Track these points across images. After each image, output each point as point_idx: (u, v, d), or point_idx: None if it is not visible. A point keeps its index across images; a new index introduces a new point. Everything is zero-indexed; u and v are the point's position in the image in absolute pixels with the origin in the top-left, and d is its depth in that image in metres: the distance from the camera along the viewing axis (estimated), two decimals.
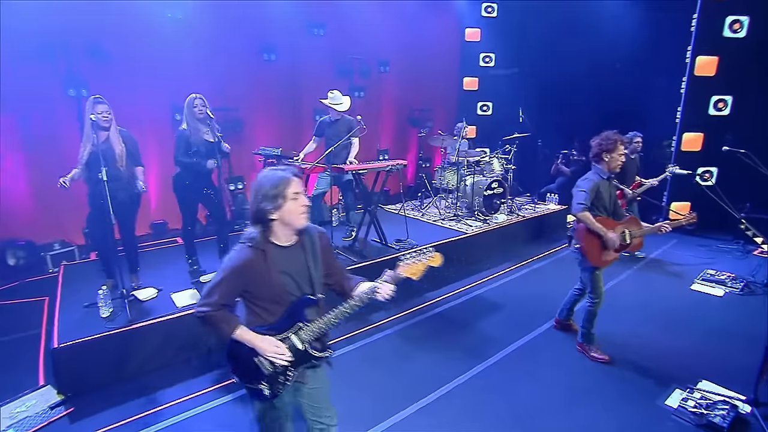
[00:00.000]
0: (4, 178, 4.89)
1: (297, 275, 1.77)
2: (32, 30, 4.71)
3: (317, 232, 1.87)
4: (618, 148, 3.23)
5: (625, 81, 7.09)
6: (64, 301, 3.52)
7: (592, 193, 3.23)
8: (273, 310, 1.76)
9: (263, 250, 1.71)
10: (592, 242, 3.26)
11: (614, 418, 2.79)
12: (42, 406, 2.72)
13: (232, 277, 1.70)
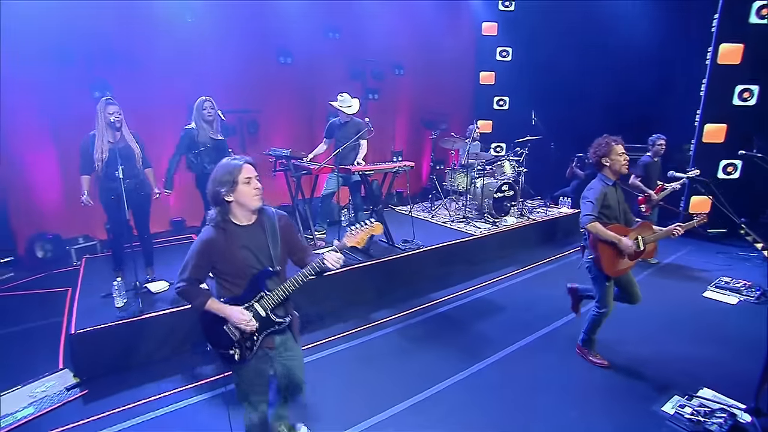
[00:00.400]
0: (36, 176, 5.24)
1: (257, 250, 2.01)
2: (62, 36, 5.03)
3: (276, 214, 2.12)
4: (614, 149, 3.11)
5: (643, 81, 6.97)
6: (83, 291, 3.76)
7: (599, 203, 3.12)
8: (238, 282, 2.00)
9: (224, 228, 1.97)
10: (605, 252, 3.13)
11: (607, 421, 2.78)
12: (59, 387, 2.93)
13: (199, 255, 1.96)
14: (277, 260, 2.03)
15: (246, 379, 2.09)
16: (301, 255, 2.19)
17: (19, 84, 4.89)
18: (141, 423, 2.68)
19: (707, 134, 6.33)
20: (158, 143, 5.68)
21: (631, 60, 7.09)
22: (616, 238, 3.07)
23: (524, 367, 3.37)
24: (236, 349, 2.00)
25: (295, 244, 2.18)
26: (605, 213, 3.18)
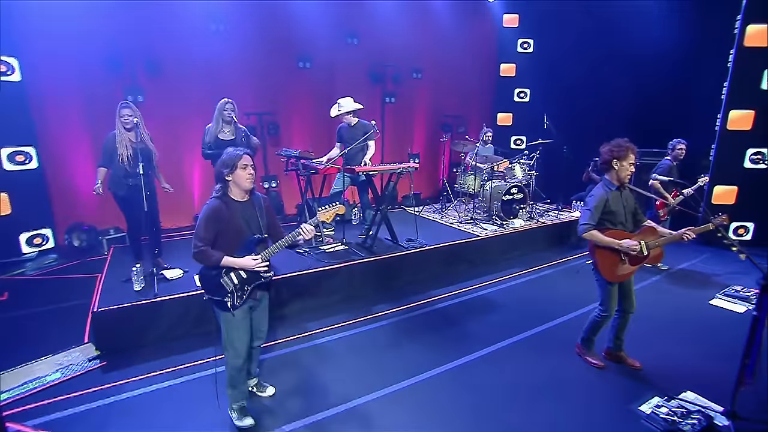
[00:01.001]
0: (75, 172, 5.80)
1: (250, 221, 2.59)
2: (101, 45, 5.55)
3: (262, 197, 2.72)
4: (629, 157, 3.07)
5: (663, 84, 6.88)
6: (108, 276, 4.19)
7: (598, 211, 3.12)
8: (234, 245, 2.53)
9: (225, 202, 2.52)
10: (604, 257, 3.17)
11: (581, 416, 2.89)
12: (83, 358, 3.33)
13: (207, 221, 2.47)
14: (264, 229, 2.63)
15: (233, 325, 2.57)
16: (277, 231, 2.74)
17: (62, 88, 5.47)
18: (150, 392, 3.03)
19: (732, 122, 6.11)
20: (183, 142, 6.20)
21: (651, 62, 7.01)
22: (615, 243, 3.07)
23: (510, 363, 3.50)
24: (230, 297, 2.51)
25: (273, 221, 2.75)
26: (609, 219, 3.16)
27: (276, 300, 4.17)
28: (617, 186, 3.17)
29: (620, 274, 3.20)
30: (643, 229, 3.24)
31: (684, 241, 3.15)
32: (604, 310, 3.33)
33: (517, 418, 2.87)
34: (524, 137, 8.90)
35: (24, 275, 5.08)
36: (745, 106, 6.02)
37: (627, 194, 3.25)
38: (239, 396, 2.69)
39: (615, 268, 3.17)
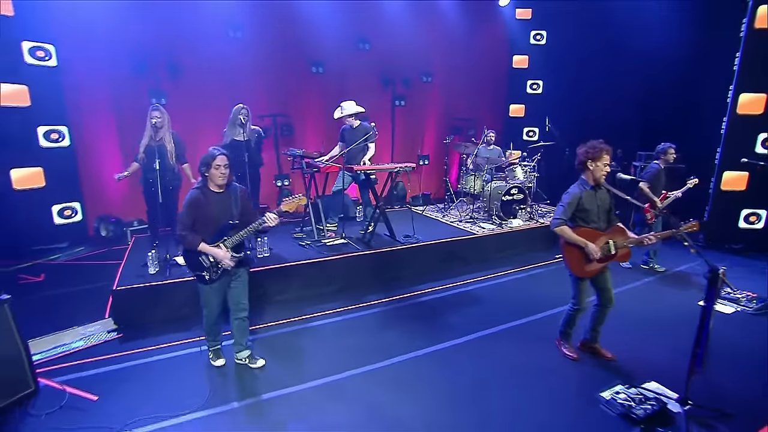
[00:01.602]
0: (105, 168, 6.41)
1: (224, 209, 3.06)
2: (128, 49, 6.14)
3: (239, 187, 3.18)
4: (603, 157, 3.25)
5: (670, 87, 6.94)
6: (128, 260, 4.72)
7: (571, 207, 3.32)
8: (210, 230, 3.04)
9: (204, 193, 3.02)
10: (573, 254, 3.37)
11: (546, 401, 3.10)
12: (103, 330, 3.83)
13: (189, 208, 2.99)
14: (237, 217, 3.09)
15: (209, 293, 3.16)
16: (249, 218, 3.14)
17: (94, 90, 6.09)
18: (158, 360, 3.48)
19: (743, 106, 6.09)
20: (202, 142, 6.70)
21: (659, 63, 7.08)
22: (582, 242, 3.27)
23: (488, 351, 3.75)
24: (207, 272, 3.07)
25: (247, 210, 3.18)
26: (582, 216, 3.35)
27: (277, 286, 4.59)
28: (592, 185, 3.36)
29: (588, 270, 3.39)
30: (614, 229, 3.42)
31: (644, 245, 3.36)
32: (575, 303, 3.54)
33: (487, 399, 3.12)
34: (536, 128, 9.04)
35: (58, 261, 5.70)
36: (757, 90, 5.99)
37: (602, 194, 3.42)
38: (212, 343, 3.39)
39: (582, 264, 3.38)
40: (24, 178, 5.63)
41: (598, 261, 3.35)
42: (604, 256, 3.35)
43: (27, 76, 5.53)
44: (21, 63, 5.48)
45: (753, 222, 6.36)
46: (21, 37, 5.47)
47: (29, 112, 5.58)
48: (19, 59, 5.46)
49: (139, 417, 2.80)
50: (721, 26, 6.32)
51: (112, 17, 5.90)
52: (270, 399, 3.04)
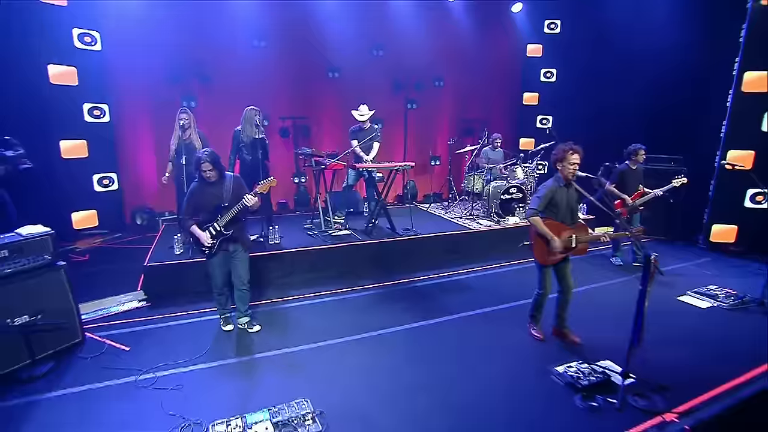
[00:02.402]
0: (141, 164, 7.30)
1: (216, 195, 3.74)
2: (166, 58, 6.99)
3: (232, 177, 3.85)
4: (568, 158, 3.66)
5: (675, 93, 7.18)
6: (158, 243, 5.51)
7: (545, 200, 3.75)
8: (206, 212, 3.75)
9: (200, 184, 3.75)
10: (539, 243, 3.83)
11: (506, 372, 3.55)
12: (135, 299, 4.59)
13: (191, 197, 3.76)
14: (227, 201, 3.73)
15: (210, 265, 3.88)
16: (238, 202, 3.76)
17: (133, 95, 6.98)
18: (177, 324, 4.19)
19: (747, 84, 6.25)
20: (228, 141, 7.51)
21: (663, 71, 7.32)
22: (549, 235, 3.72)
23: (464, 329, 4.25)
24: (206, 248, 3.74)
25: (238, 195, 3.74)
26: (552, 210, 3.80)
27: (283, 269, 5.24)
28: (564, 183, 3.80)
29: (549, 259, 3.86)
30: (578, 225, 3.86)
31: (602, 241, 3.83)
32: (540, 288, 4.00)
33: (455, 367, 3.62)
34: (550, 116, 9.39)
35: (100, 244, 6.59)
36: (761, 68, 6.12)
37: (572, 191, 3.85)
38: (221, 311, 4.11)
39: (545, 253, 3.84)
40: (71, 148, 6.49)
41: (559, 252, 3.80)
42: (567, 248, 3.79)
43: (75, 59, 6.37)
44: (71, 47, 6.32)
45: (760, 201, 6.39)
46: (72, 24, 6.31)
47: (76, 91, 6.45)
48: (70, 44, 6.31)
49: (160, 363, 3.50)
50: (722, 29, 6.52)
51: (150, 23, 6.75)
52: (261, 357, 3.68)
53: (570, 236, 3.79)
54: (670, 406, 3.13)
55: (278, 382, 3.32)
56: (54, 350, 3.54)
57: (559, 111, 9.16)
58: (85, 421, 2.90)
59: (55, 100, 6.26)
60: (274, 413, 2.89)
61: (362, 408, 3.06)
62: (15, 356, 3.27)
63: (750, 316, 4.60)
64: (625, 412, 3.09)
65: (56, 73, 6.22)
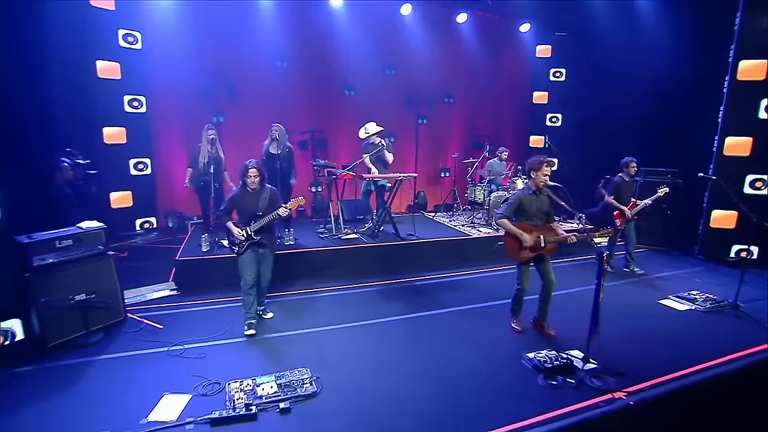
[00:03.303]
0: (174, 173, 8.23)
1: (254, 203, 4.33)
2: (195, 77, 7.93)
3: (270, 188, 4.44)
4: (542, 168, 4.24)
5: (668, 113, 7.63)
6: (188, 242, 6.35)
7: (513, 206, 4.36)
8: (243, 216, 4.37)
9: (242, 191, 4.36)
10: (510, 242, 4.42)
11: (483, 356, 4.10)
12: (167, 288, 5.39)
13: (230, 201, 4.38)
14: (262, 210, 4.32)
15: (241, 263, 4.39)
16: (274, 209, 4.35)
17: (167, 110, 7.93)
18: (202, 309, 4.94)
19: (743, 73, 6.62)
20: (253, 154, 8.37)
21: (660, 91, 7.80)
22: (519, 233, 4.31)
23: (453, 320, 4.83)
24: (237, 246, 4.33)
25: (273, 206, 4.34)
26: (522, 214, 4.39)
27: (296, 266, 5.95)
28: (533, 191, 4.38)
29: (522, 257, 4.40)
30: (546, 226, 4.41)
31: (567, 242, 4.33)
32: (518, 284, 4.54)
33: (439, 349, 4.21)
34: (560, 114, 9.94)
35: (137, 243, 7.50)
36: (756, 57, 6.51)
37: (543, 198, 4.41)
38: (247, 315, 4.38)
39: (518, 251, 4.40)
40: (112, 134, 7.34)
41: (530, 250, 4.35)
42: (534, 247, 4.34)
43: (119, 56, 7.25)
44: (116, 45, 7.20)
45: (759, 188, 6.69)
46: (117, 25, 7.18)
47: (119, 84, 7.31)
48: (115, 42, 7.18)
49: (187, 338, 4.24)
50: (713, 51, 6.97)
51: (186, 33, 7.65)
52: (272, 337, 4.37)
53: (538, 236, 4.33)
54: (621, 386, 3.61)
55: (285, 356, 3.99)
56: (103, 325, 4.32)
57: (567, 111, 9.73)
58: (127, 378, 3.64)
59: (100, 92, 7.12)
60: (278, 377, 3.56)
61: (355, 376, 3.69)
62: (75, 326, 4.07)
63: (723, 317, 5.01)
64: (581, 391, 3.60)
65: (103, 68, 7.11)
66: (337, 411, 3.26)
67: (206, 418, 3.11)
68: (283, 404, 3.25)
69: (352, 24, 8.51)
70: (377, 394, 3.48)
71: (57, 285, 3.99)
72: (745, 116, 6.62)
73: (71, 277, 4.10)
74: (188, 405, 3.27)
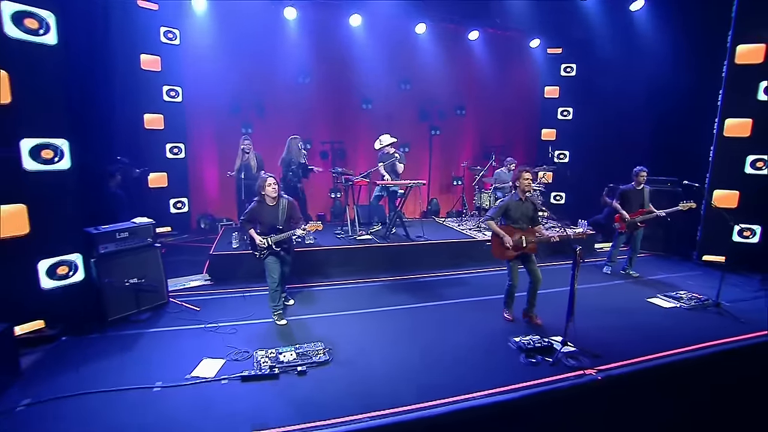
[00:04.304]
0: (206, 178, 9.20)
1: (273, 216, 4.87)
2: (228, 94, 8.90)
3: (288, 199, 4.96)
4: (522, 176, 4.91)
5: (666, 124, 8.15)
6: (219, 240, 7.23)
7: (500, 210, 5.06)
8: (264, 228, 4.92)
9: (260, 203, 4.88)
10: (496, 242, 5.12)
11: (476, 339, 4.76)
12: (201, 279, 6.26)
13: (250, 212, 4.89)
14: (281, 222, 4.90)
15: (269, 265, 4.96)
16: (293, 223, 4.98)
17: (202, 124, 8.92)
18: (232, 296, 5.77)
19: (740, 56, 7.07)
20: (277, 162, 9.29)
21: (663, 111, 8.35)
22: (502, 234, 4.98)
23: (451, 311, 5.50)
24: (258, 252, 4.94)
25: (290, 218, 4.97)
26: (509, 217, 5.07)
27: (315, 262, 6.73)
28: (519, 198, 5.06)
29: (506, 255, 5.07)
30: (528, 229, 5.07)
31: (550, 242, 4.99)
32: (509, 280, 5.19)
33: (439, 333, 4.88)
34: (571, 108, 10.48)
35: (173, 242, 8.44)
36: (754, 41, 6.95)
37: (527, 204, 5.07)
38: (274, 308, 5.04)
39: (502, 250, 5.08)
40: (151, 120, 8.23)
41: (513, 249, 5.02)
42: (517, 246, 4.99)
43: (160, 50, 8.18)
44: (157, 41, 8.14)
45: (760, 167, 7.11)
46: (159, 23, 8.12)
47: (159, 76, 8.23)
48: (157, 38, 8.12)
49: (220, 318, 5.05)
50: (708, 67, 7.49)
51: (215, 77, 8.71)
52: (293, 319, 5.13)
53: (520, 237, 5.00)
54: (594, 365, 4.21)
55: (303, 334, 4.75)
56: (150, 306, 5.18)
57: (576, 107, 10.32)
58: (172, 346, 4.46)
59: (142, 82, 8.01)
60: (297, 348, 4.32)
61: (362, 351, 4.40)
62: (129, 305, 4.94)
63: (704, 314, 5.50)
64: (556, 367, 4.21)
65: (146, 60, 8.04)
66: (345, 375, 3.98)
67: (238, 375, 3.88)
68: (300, 368, 3.99)
69: (370, 42, 9.35)
70: (380, 364, 4.18)
71: (115, 269, 4.87)
72: (745, 98, 7.06)
73: (126, 264, 4.98)
74: (223, 367, 4.05)
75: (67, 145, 4.47)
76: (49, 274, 4.42)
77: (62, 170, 4.47)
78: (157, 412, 3.41)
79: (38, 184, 4.31)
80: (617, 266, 7.16)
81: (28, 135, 4.24)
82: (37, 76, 4.29)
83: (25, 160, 4.22)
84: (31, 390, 3.62)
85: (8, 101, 4.08)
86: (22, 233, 4.21)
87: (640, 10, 8.39)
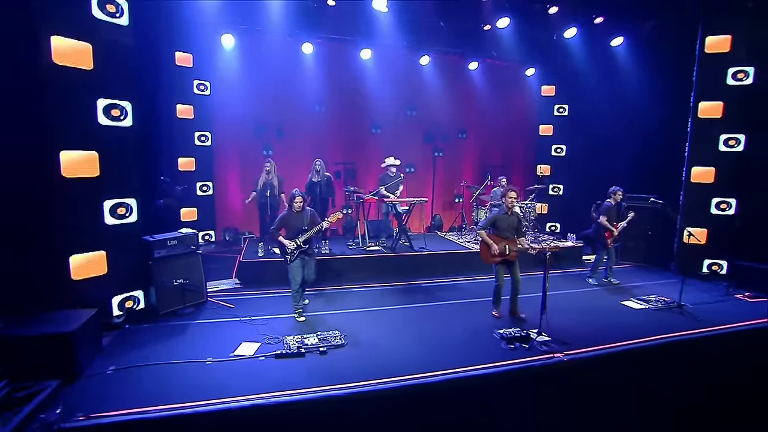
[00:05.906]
0: (230, 194, 10.39)
1: (299, 221, 5.94)
2: (251, 118, 10.16)
3: (310, 210, 6.07)
4: (508, 195, 6.01)
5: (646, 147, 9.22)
6: (246, 249, 8.35)
7: (489, 222, 6.15)
8: (291, 232, 5.94)
9: (289, 212, 5.95)
10: (484, 248, 6.17)
11: (466, 331, 5.78)
12: (232, 283, 7.35)
13: (280, 220, 5.97)
14: (306, 225, 5.95)
15: (293, 269, 6.00)
16: (316, 225, 6.05)
17: (228, 145, 10.16)
18: (260, 297, 6.85)
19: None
20: (296, 182, 10.47)
21: (640, 126, 9.43)
22: (490, 242, 6.02)
23: (447, 309, 6.53)
24: (288, 255, 5.97)
25: (314, 222, 6.01)
26: (497, 228, 6.10)
27: (330, 269, 7.81)
28: (506, 211, 6.14)
29: (491, 260, 6.11)
30: (511, 240, 6.09)
31: (530, 252, 6.02)
32: (496, 281, 6.22)
33: (435, 326, 5.89)
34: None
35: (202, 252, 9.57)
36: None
37: (513, 217, 6.13)
38: (296, 306, 6.11)
39: (488, 255, 6.11)
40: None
41: (498, 256, 6.05)
42: (501, 253, 6.03)
43: (193, 100, 9.38)
44: (191, 92, 9.30)
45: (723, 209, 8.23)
46: (193, 77, 9.29)
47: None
48: (191, 90, 9.28)
49: (252, 313, 6.12)
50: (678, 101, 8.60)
51: (243, 84, 9.96)
52: (312, 315, 6.17)
53: (505, 246, 6.04)
54: (562, 350, 5.21)
55: (323, 325, 5.80)
56: (193, 303, 6.27)
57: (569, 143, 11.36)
58: (214, 333, 5.53)
59: (177, 128, 9.23)
60: (318, 334, 5.38)
61: (371, 338, 5.43)
62: (176, 301, 6.05)
63: (668, 314, 6.45)
64: (531, 352, 5.21)
65: (181, 110, 9.27)
66: (358, 355, 5.02)
67: (272, 354, 4.94)
68: (322, 349, 5.04)
69: (379, 72, 10.60)
70: (385, 348, 5.22)
71: (166, 271, 5.99)
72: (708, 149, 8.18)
73: (174, 267, 6.10)
74: (259, 348, 5.11)
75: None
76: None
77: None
78: (212, 378, 4.46)
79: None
80: (599, 276, 8.12)
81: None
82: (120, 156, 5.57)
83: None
84: (112, 360, 4.71)
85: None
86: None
87: (618, 47, 9.55)
